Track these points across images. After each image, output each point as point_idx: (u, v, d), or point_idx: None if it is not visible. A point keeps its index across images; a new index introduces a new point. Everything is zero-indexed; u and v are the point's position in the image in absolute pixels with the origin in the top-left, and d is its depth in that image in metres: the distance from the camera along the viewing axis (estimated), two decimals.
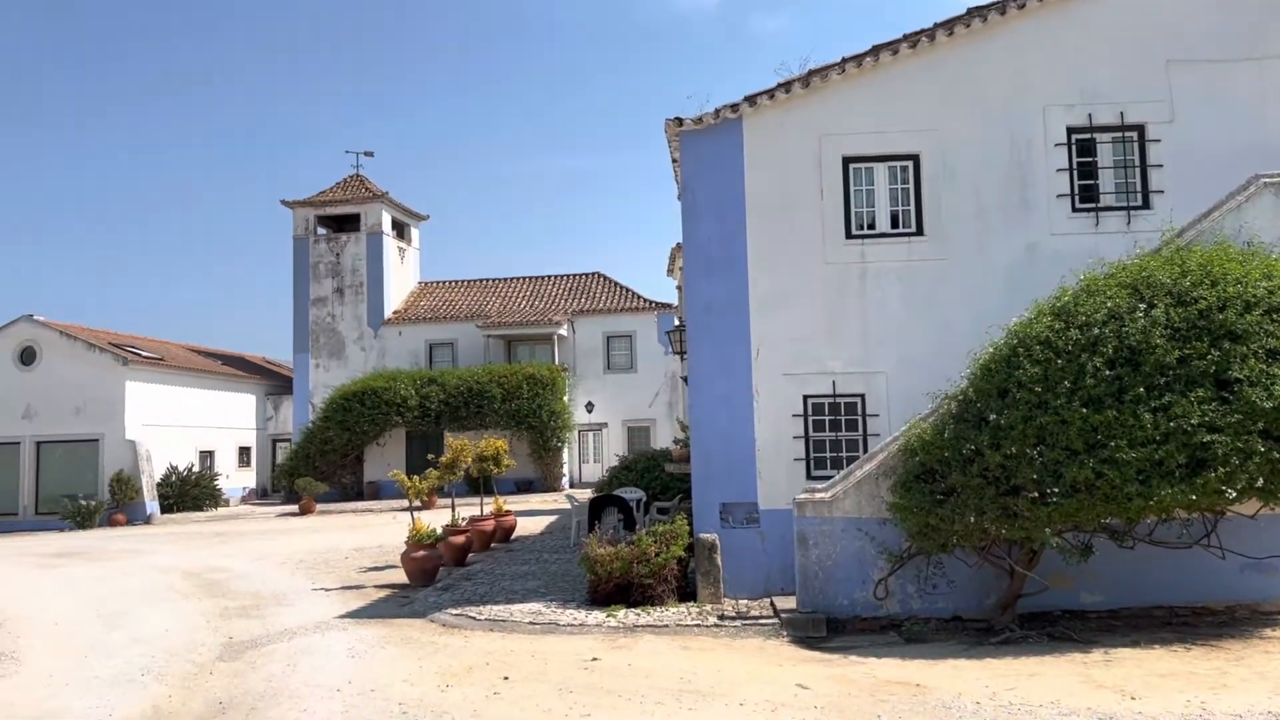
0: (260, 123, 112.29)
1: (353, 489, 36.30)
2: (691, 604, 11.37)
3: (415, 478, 14.77)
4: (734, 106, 12.36)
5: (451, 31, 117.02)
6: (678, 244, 31.15)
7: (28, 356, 33.79)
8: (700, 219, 12.41)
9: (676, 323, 35.50)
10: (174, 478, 34.59)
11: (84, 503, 31.24)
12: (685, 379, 14.29)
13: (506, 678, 8.59)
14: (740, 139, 12.41)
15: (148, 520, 31.86)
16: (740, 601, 11.50)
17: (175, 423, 35.70)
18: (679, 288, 34.36)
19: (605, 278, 41.82)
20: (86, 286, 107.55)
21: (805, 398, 12.19)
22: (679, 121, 12.37)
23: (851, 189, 12.42)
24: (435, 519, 18.08)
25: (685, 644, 9.80)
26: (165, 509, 33.63)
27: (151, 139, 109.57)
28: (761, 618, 10.59)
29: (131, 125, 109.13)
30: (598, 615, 11.01)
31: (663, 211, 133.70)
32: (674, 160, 13.41)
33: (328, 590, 14.10)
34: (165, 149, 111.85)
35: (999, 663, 8.69)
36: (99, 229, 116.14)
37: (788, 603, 10.92)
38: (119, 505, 31.87)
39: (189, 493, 34.65)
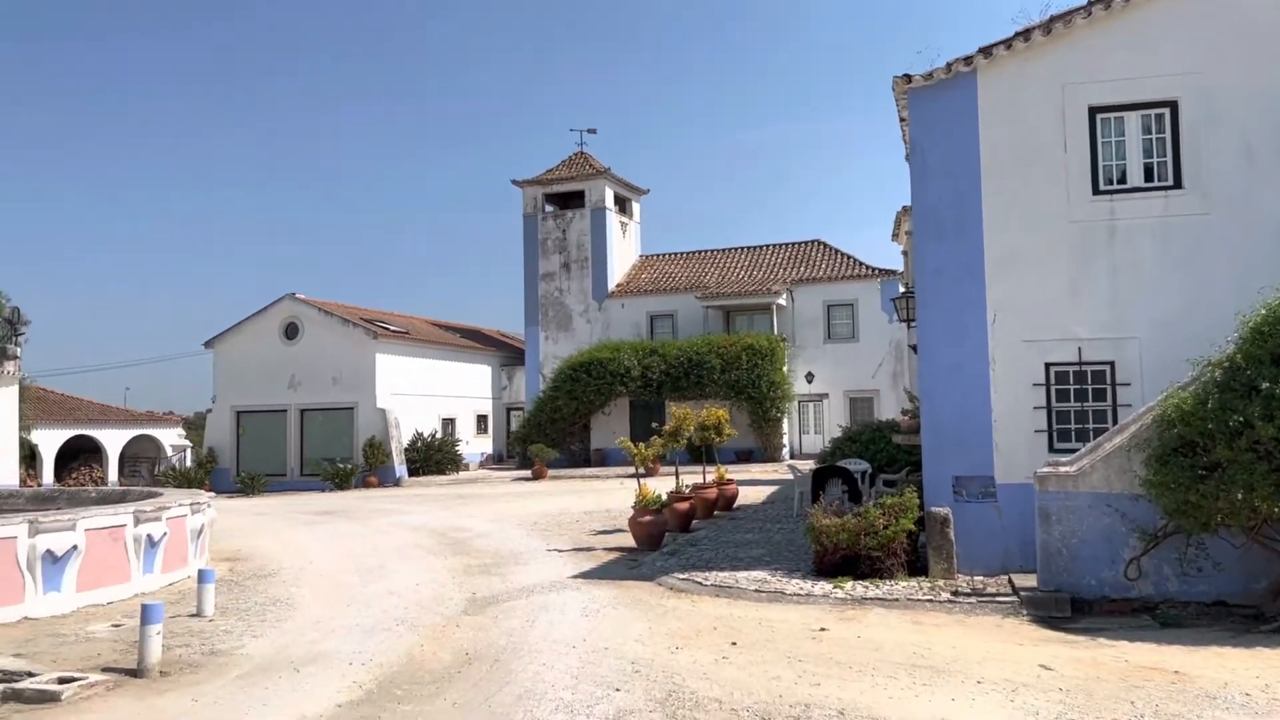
0: (492, 104, 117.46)
1: (580, 455, 37.60)
2: (922, 578, 11.04)
3: (641, 445, 15.11)
4: (967, 59, 11.74)
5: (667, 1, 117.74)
6: (904, 207, 30.11)
7: (291, 331, 37.02)
8: (930, 179, 11.90)
9: (902, 289, 34.48)
10: (419, 443, 37.04)
11: (341, 465, 34.04)
12: (914, 347, 13.83)
13: (734, 643, 8.66)
14: (974, 93, 11.77)
15: (397, 483, 34.30)
16: (974, 578, 11.05)
17: (419, 392, 38.14)
18: (905, 253, 33.26)
19: (825, 245, 41.06)
20: (340, 265, 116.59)
21: (1047, 366, 11.49)
22: (907, 79, 11.90)
23: (1099, 141, 11.54)
24: (659, 486, 18.42)
25: (916, 619, 9.53)
26: (412, 472, 36.08)
27: (396, 128, 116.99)
28: (998, 595, 10.14)
29: (373, 117, 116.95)
30: (824, 586, 10.90)
31: (887, 175, 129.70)
32: (902, 120, 12.93)
33: (560, 551, 14.69)
34: (408, 137, 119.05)
35: (1272, 652, 7.93)
36: (351, 213, 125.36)
37: (1026, 580, 10.40)
38: (371, 468, 34.49)
39: (432, 457, 37.03)
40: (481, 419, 42.72)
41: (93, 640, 9.64)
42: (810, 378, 37.00)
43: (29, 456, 37.16)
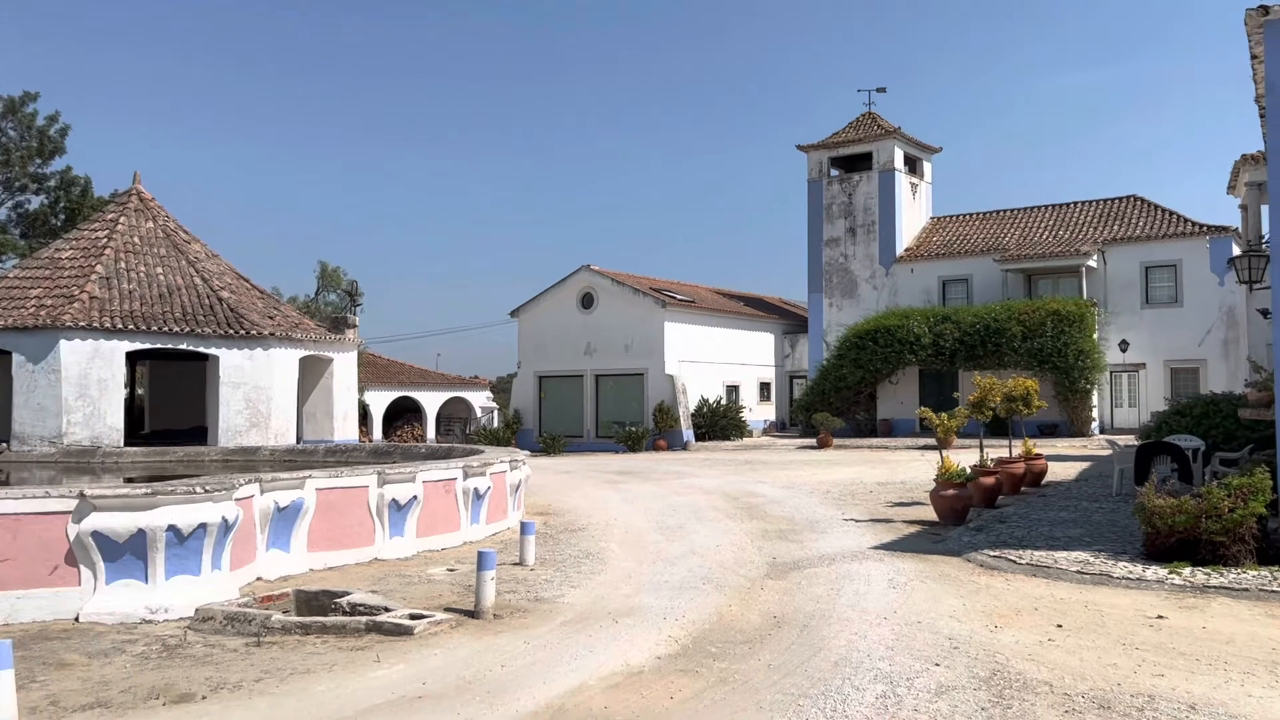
0: (775, 70, 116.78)
1: (866, 425, 36.90)
2: (1275, 568, 9.88)
3: (944, 415, 14.54)
4: None
5: None
6: (1244, 156, 26.92)
7: (587, 301, 38.84)
8: None
9: (1238, 249, 30.94)
10: (705, 409, 37.83)
11: (632, 428, 35.43)
12: (1263, 312, 12.33)
13: (1059, 625, 8.16)
14: None
15: (684, 446, 35.24)
16: None
17: (705, 359, 38.90)
18: (1244, 206, 29.81)
19: (1142, 201, 37.57)
20: (631, 236, 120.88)
21: None
22: (1264, 10, 10.53)
23: None
24: (957, 459, 17.70)
25: (1271, 612, 8.54)
26: (698, 437, 36.94)
27: (679, 98, 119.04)
28: None
29: (657, 87, 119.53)
30: (1157, 571, 10.02)
31: (1213, 122, 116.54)
32: (1254, 57, 11.47)
33: (857, 521, 14.48)
34: (691, 107, 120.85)
35: None
36: (643, 185, 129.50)
37: None
38: (660, 432, 35.65)
39: (718, 423, 37.71)
40: (764, 386, 42.93)
41: (433, 582, 10.61)
42: (1124, 346, 34.08)
43: (362, 415, 41.53)
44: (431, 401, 49.34)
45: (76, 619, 8.75)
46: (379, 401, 45.90)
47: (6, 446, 19.66)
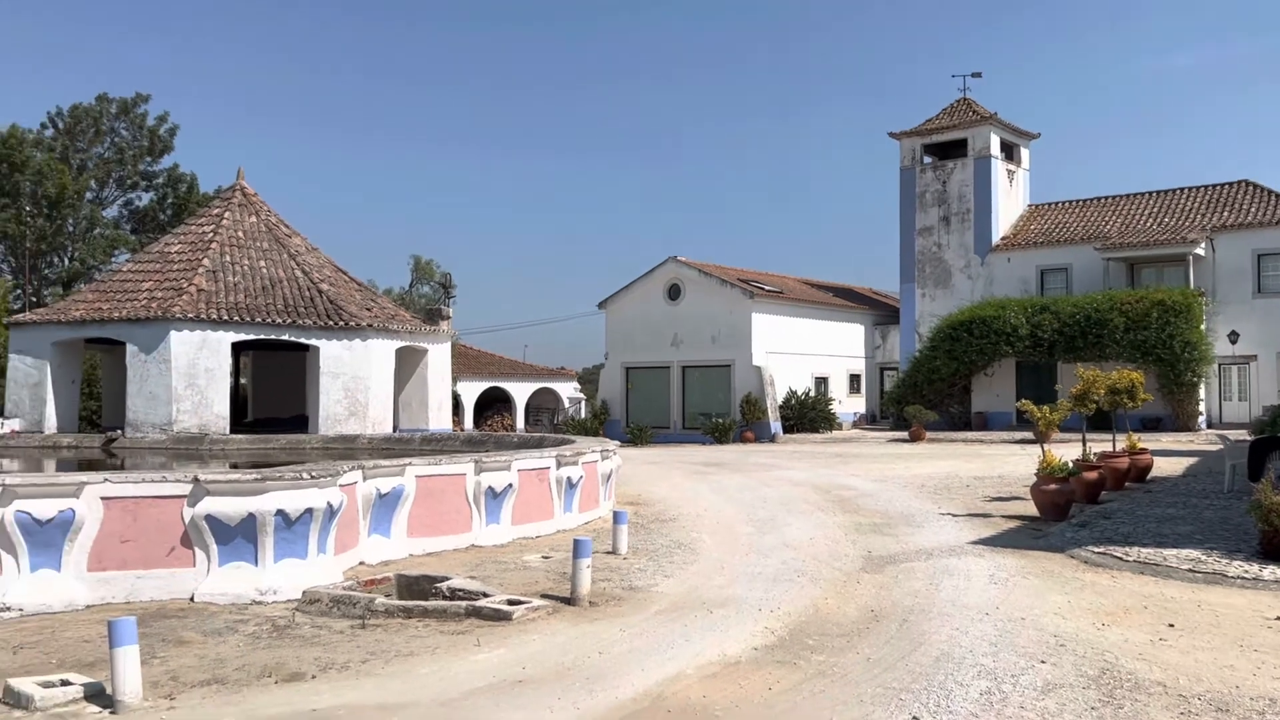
0: (866, 56, 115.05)
1: (960, 418, 36.15)
2: None
3: (1045, 408, 14.16)
4: None
5: None
6: None
7: (674, 292, 38.84)
8: None
9: None
10: (793, 401, 37.50)
11: (718, 420, 35.34)
12: None
13: (1171, 625, 7.89)
14: None
15: (772, 439, 35.02)
16: None
17: (793, 350, 38.55)
18: None
19: (1255, 186, 35.97)
20: (718, 228, 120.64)
21: None
22: None
23: None
24: (1056, 453, 17.20)
25: None
26: (786, 429, 36.65)
27: (765, 87, 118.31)
28: None
29: (743, 78, 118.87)
30: (1275, 570, 9.60)
31: None
32: None
33: (954, 516, 14.20)
34: (781, 96, 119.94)
35: None
36: (731, 175, 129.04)
37: None
38: (747, 424, 35.47)
39: (806, 415, 37.35)
40: (854, 378, 42.37)
41: (529, 569, 10.75)
42: (1234, 337, 32.70)
43: (455, 405, 42.28)
44: (520, 392, 49.96)
45: (191, 599, 9.11)
46: (470, 392, 46.67)
47: (121, 433, 20.55)
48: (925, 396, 35.68)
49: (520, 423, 48.64)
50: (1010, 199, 39.87)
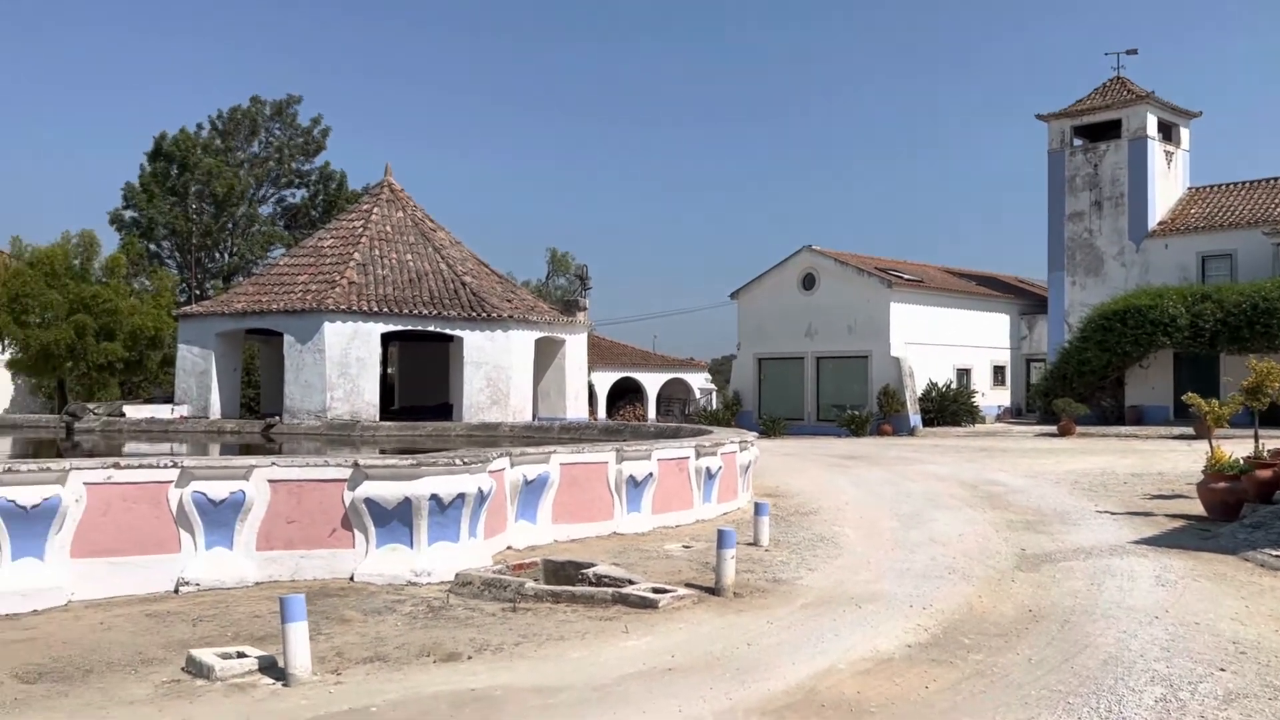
0: (1011, 35, 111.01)
1: (1112, 413, 34.47)
2: None
3: (1214, 402, 13.36)
4: None
5: None
6: None
7: (808, 282, 38.31)
8: None
9: None
10: (933, 393, 36.49)
11: (855, 412, 34.71)
12: None
13: None
14: None
15: (911, 432, 34.18)
16: None
17: (933, 341, 37.48)
18: None
19: None
20: (855, 216, 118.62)
21: None
22: None
23: None
24: (1224, 449, 16.21)
25: None
26: (926, 423, 35.69)
27: (902, 72, 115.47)
28: None
29: (882, 63, 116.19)
30: None
31: None
32: None
33: (1113, 514, 13.56)
34: (918, 77, 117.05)
35: None
36: (868, 161, 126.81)
37: None
38: (885, 416, 34.71)
39: (947, 408, 36.29)
40: (998, 370, 40.91)
41: (671, 558, 10.78)
42: None
43: (590, 395, 42.87)
44: (652, 382, 50.26)
45: (351, 578, 9.49)
46: (603, 382, 47.22)
47: (279, 420, 21.62)
48: (1074, 389, 34.14)
49: (652, 413, 48.96)
50: (1168, 182, 37.72)
